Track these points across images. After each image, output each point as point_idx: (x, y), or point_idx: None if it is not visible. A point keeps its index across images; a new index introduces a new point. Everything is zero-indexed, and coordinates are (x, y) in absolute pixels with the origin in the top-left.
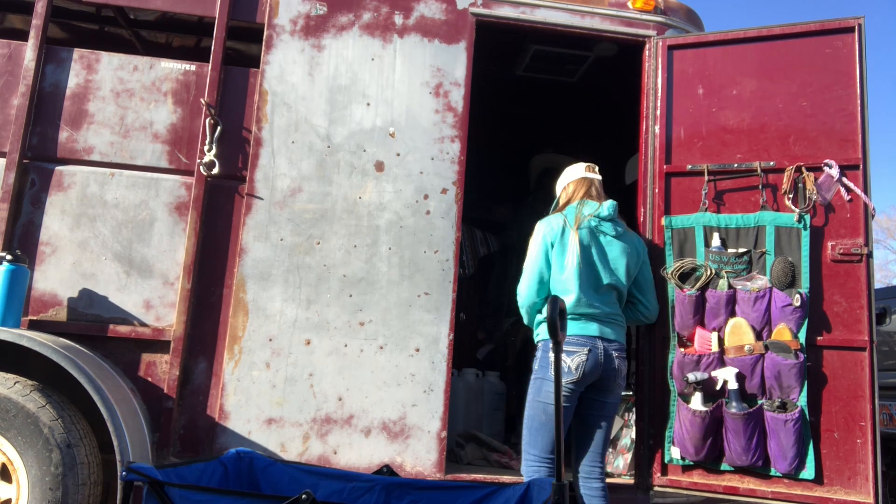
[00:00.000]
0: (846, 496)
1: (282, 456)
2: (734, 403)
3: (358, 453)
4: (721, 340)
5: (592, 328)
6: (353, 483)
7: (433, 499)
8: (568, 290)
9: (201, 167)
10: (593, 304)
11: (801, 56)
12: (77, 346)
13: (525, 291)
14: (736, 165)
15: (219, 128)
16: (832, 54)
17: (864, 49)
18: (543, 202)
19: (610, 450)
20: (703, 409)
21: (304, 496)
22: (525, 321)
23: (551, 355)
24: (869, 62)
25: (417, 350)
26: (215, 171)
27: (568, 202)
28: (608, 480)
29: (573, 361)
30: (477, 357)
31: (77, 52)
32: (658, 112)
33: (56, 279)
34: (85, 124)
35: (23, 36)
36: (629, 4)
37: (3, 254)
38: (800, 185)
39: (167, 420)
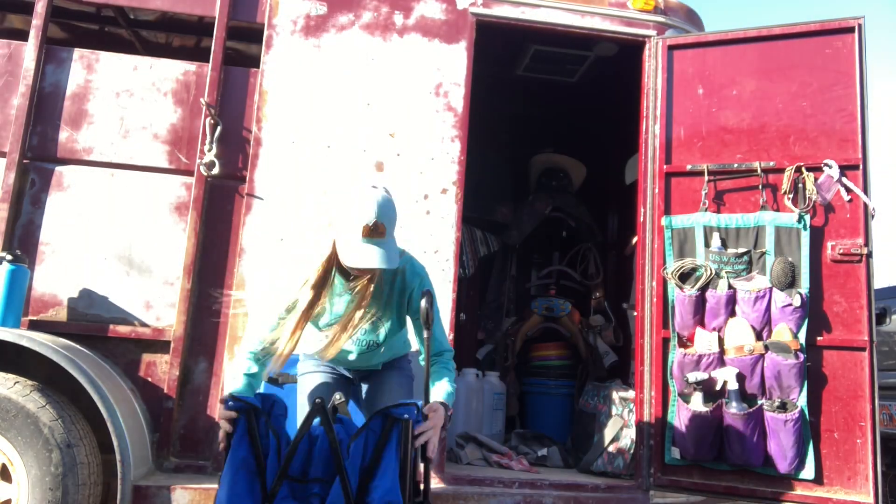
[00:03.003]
0: (846, 496)
1: None
2: (734, 403)
3: None
4: (721, 340)
5: None
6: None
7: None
8: None
9: (201, 167)
10: None
11: (801, 56)
12: (77, 346)
13: None
14: (736, 165)
15: (219, 128)
16: (832, 54)
17: (864, 49)
18: (543, 202)
19: (610, 449)
20: (703, 409)
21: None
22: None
23: None
24: (869, 62)
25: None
26: (215, 171)
27: None
28: (608, 480)
29: None
30: (477, 357)
31: (77, 52)
32: (658, 112)
33: (56, 279)
34: (85, 124)
35: (23, 36)
36: (629, 4)
37: (3, 254)
38: (800, 185)
39: (167, 420)
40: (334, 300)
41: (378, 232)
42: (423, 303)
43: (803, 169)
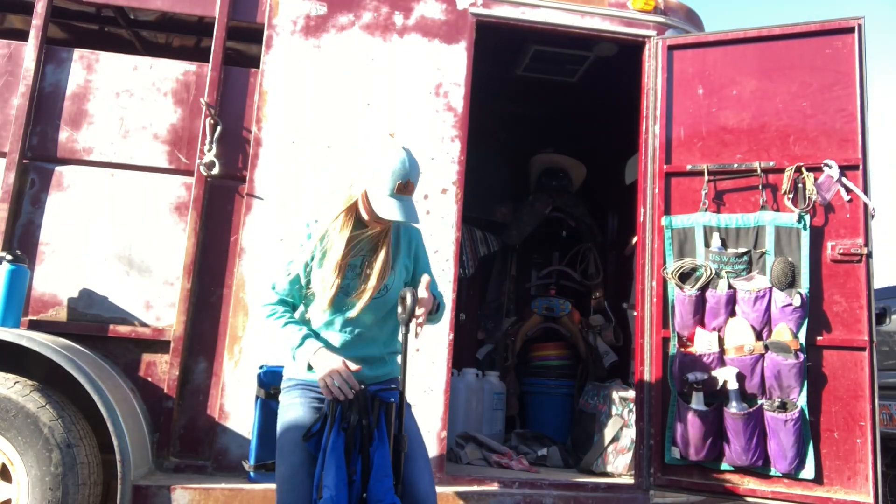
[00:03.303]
0: (846, 496)
1: None
2: (734, 403)
3: None
4: (721, 340)
5: None
6: None
7: None
8: None
9: (201, 167)
10: None
11: (801, 56)
12: (77, 346)
13: None
14: (736, 165)
15: (219, 128)
16: (832, 54)
17: (864, 49)
18: (543, 202)
19: (610, 449)
20: (703, 409)
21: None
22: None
23: None
24: (869, 62)
25: (417, 350)
26: (215, 171)
27: None
28: (608, 480)
29: None
30: (477, 357)
31: (77, 52)
32: (658, 112)
33: (56, 279)
34: (85, 124)
35: (23, 36)
36: (629, 4)
37: (3, 254)
38: (800, 185)
39: (167, 420)
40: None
41: (408, 190)
42: (408, 297)
43: (803, 169)
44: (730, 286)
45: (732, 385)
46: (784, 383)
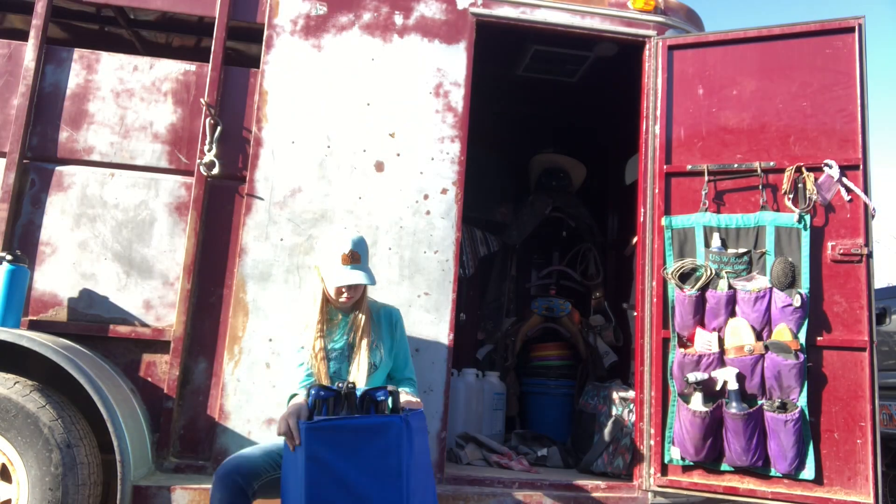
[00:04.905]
0: (846, 496)
1: None
2: (734, 404)
3: None
4: (721, 341)
5: None
6: None
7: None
8: None
9: (201, 167)
10: None
11: (801, 56)
12: (77, 346)
13: None
14: (736, 166)
15: (219, 128)
16: (832, 54)
17: (864, 49)
18: (543, 202)
19: (610, 450)
20: (703, 409)
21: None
22: None
23: None
24: (869, 62)
25: (417, 350)
26: (215, 171)
27: None
28: (608, 480)
29: None
30: (477, 357)
31: (77, 52)
32: (658, 112)
33: (56, 279)
34: (85, 124)
35: (23, 36)
36: (629, 4)
37: (3, 254)
38: (800, 185)
39: (167, 420)
40: (335, 337)
41: (354, 259)
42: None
43: (803, 169)
44: (730, 286)
45: (732, 385)
46: (784, 383)
